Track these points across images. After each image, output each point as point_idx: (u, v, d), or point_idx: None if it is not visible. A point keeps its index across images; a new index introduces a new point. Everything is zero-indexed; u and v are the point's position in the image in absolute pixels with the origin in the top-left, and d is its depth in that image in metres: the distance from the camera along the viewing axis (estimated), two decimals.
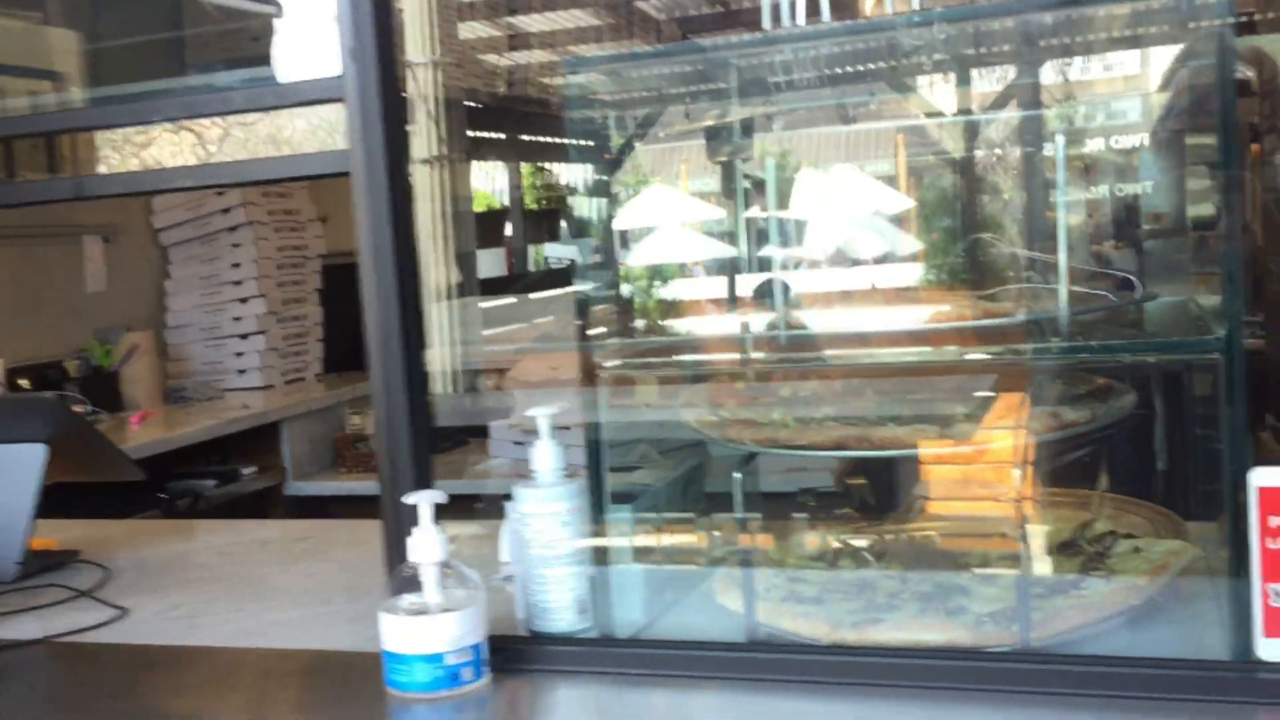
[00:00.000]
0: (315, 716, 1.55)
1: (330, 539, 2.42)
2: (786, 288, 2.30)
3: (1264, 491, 1.28)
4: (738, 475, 1.51)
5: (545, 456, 1.63)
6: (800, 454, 1.48)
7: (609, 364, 1.71)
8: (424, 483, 1.54)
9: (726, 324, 2.54)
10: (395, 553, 1.52)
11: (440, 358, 4.78)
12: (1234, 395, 1.30)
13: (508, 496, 1.62)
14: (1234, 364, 1.30)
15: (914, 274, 1.84)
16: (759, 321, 1.95)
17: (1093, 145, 2.12)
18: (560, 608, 1.61)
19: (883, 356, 1.46)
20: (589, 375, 1.76)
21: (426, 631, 1.46)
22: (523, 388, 4.73)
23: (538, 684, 1.51)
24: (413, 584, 1.49)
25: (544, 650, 1.54)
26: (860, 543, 1.89)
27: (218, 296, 5.25)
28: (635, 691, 1.46)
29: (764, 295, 2.09)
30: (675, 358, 1.84)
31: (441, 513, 1.51)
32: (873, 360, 1.46)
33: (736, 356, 1.82)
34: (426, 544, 1.48)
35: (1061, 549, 1.77)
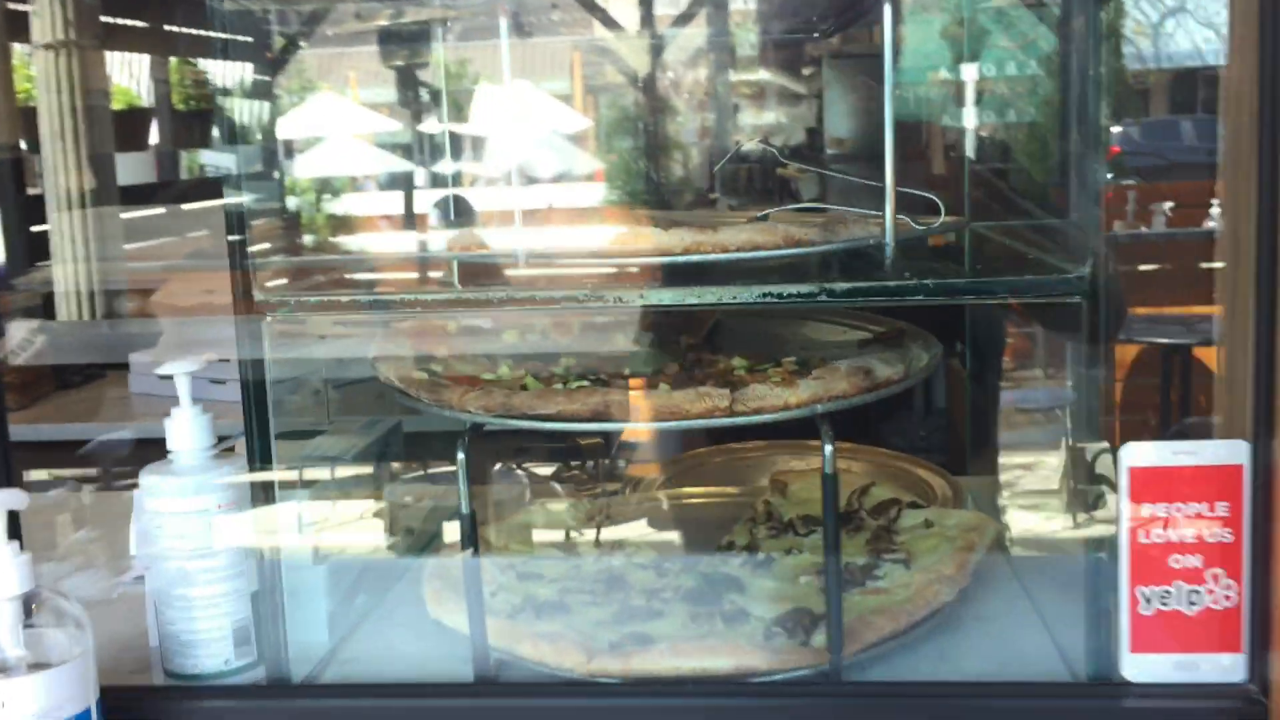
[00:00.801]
0: None
1: None
2: (466, 204, 2.14)
3: (1136, 473, 1.02)
4: (462, 455, 1.11)
5: (185, 431, 1.17)
6: (551, 427, 1.10)
7: (273, 288, 1.24)
8: None
9: (404, 242, 2.21)
10: None
11: (71, 275, 4.07)
12: (1098, 337, 1.02)
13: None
14: (1098, 307, 1.03)
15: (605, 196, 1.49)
16: (438, 240, 1.78)
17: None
18: (209, 639, 1.16)
19: (624, 291, 1.09)
20: (249, 302, 1.29)
21: (5, 699, 0.98)
22: (171, 314, 4.08)
23: None
24: None
25: (184, 709, 1.09)
26: (593, 521, 1.54)
27: None
28: None
29: (443, 212, 1.97)
30: (348, 278, 1.41)
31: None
32: (606, 294, 1.08)
33: (419, 283, 1.41)
34: None
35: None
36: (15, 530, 1.06)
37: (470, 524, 1.13)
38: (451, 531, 1.60)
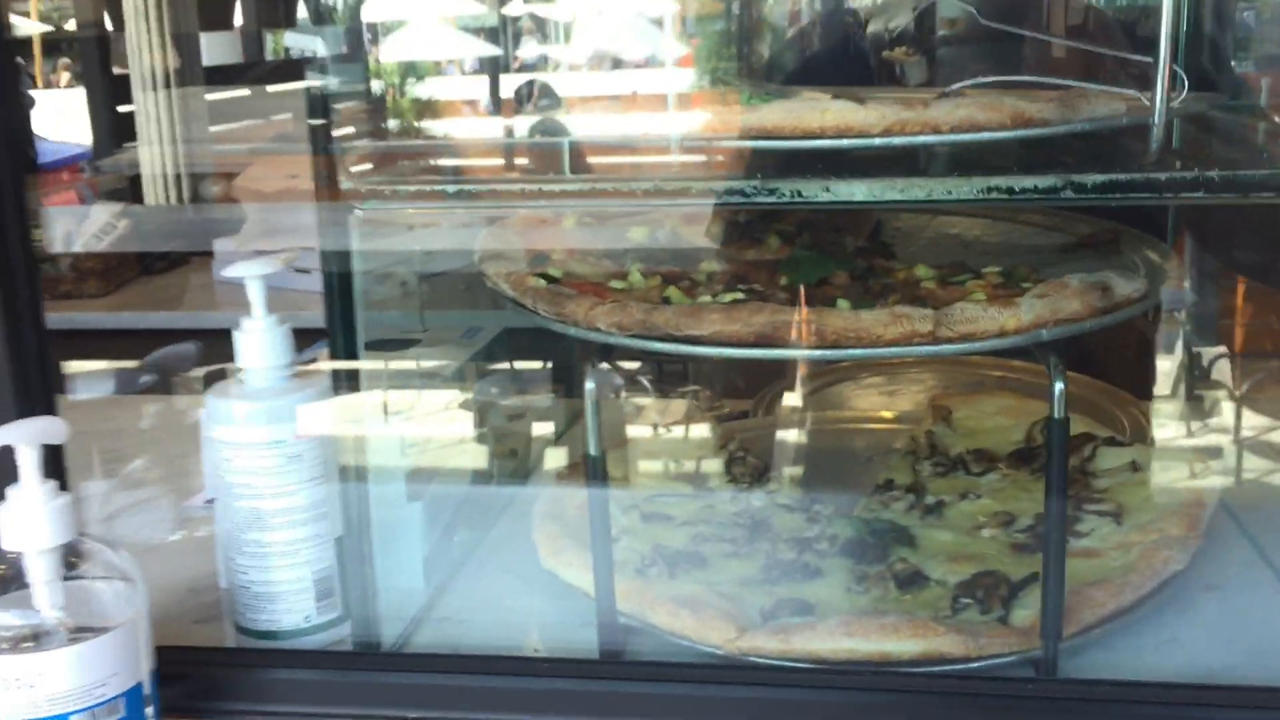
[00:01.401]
0: None
1: None
2: (550, 89, 2.03)
3: None
4: (591, 385, 0.90)
5: (257, 347, 0.97)
6: (705, 352, 0.88)
7: (359, 173, 1.03)
8: (30, 405, 0.86)
9: (492, 128, 2.07)
10: None
11: (156, 158, 3.93)
12: None
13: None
14: None
15: None
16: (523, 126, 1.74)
17: None
18: (288, 592, 0.98)
19: (802, 184, 0.85)
20: (333, 191, 1.08)
21: (35, 677, 0.80)
22: (255, 200, 3.92)
23: None
24: (14, 584, 0.83)
25: (256, 678, 0.91)
26: (726, 449, 1.32)
27: None
28: None
29: (526, 99, 1.98)
30: (436, 164, 1.19)
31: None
32: (779, 184, 0.85)
33: (506, 170, 1.20)
34: (29, 517, 0.81)
35: (1013, 460, 1.26)
36: (57, 466, 0.87)
37: (600, 468, 0.92)
38: (557, 457, 1.41)
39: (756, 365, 1.76)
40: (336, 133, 1.08)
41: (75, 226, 3.05)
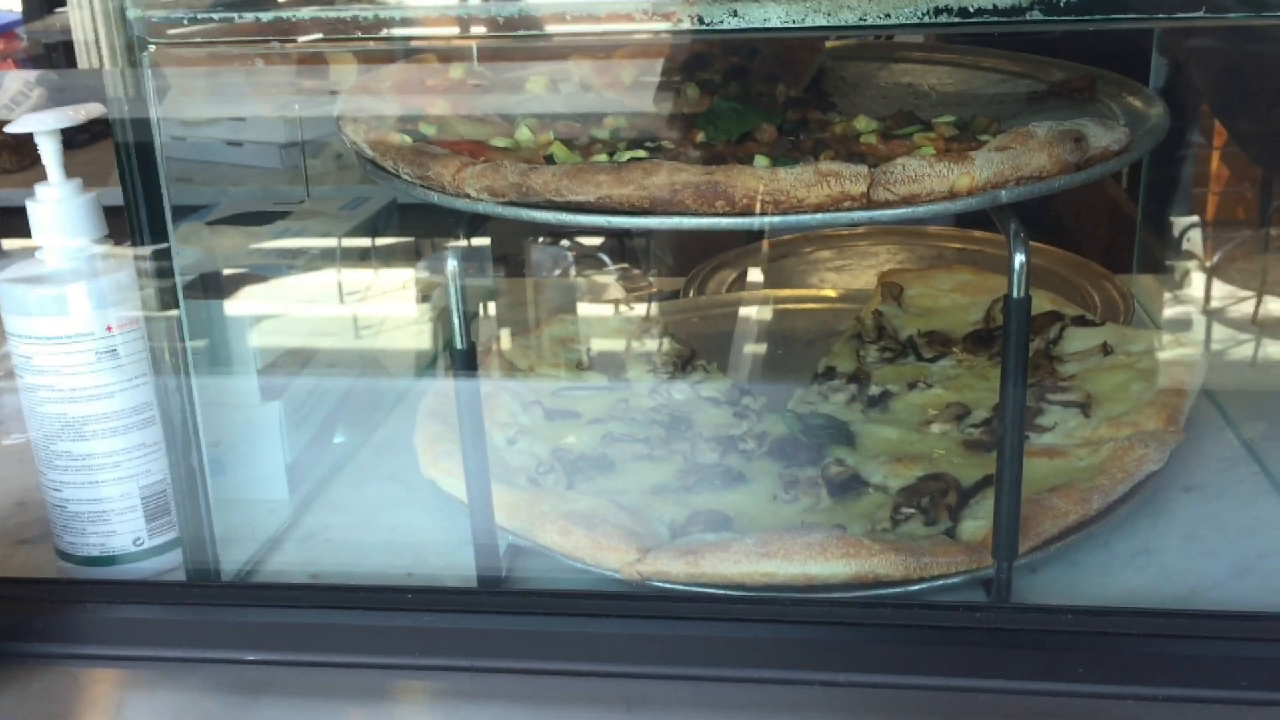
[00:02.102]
0: None
1: None
2: None
3: None
4: (453, 265, 0.74)
5: (57, 220, 0.80)
6: (585, 221, 0.72)
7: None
8: None
9: None
10: None
11: (85, 20, 3.68)
12: None
13: None
14: None
15: None
16: None
17: None
18: (112, 511, 0.83)
19: (704, 7, 0.67)
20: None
21: None
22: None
23: (59, 691, 0.75)
24: None
25: (76, 616, 0.76)
26: (649, 332, 1.17)
27: None
28: (259, 706, 0.73)
29: None
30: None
31: None
32: (676, 8, 0.67)
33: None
34: None
35: (970, 343, 1.11)
36: None
37: (468, 359, 0.76)
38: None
39: (688, 239, 1.60)
40: None
41: None
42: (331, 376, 1.08)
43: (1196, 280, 1.47)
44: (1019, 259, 0.69)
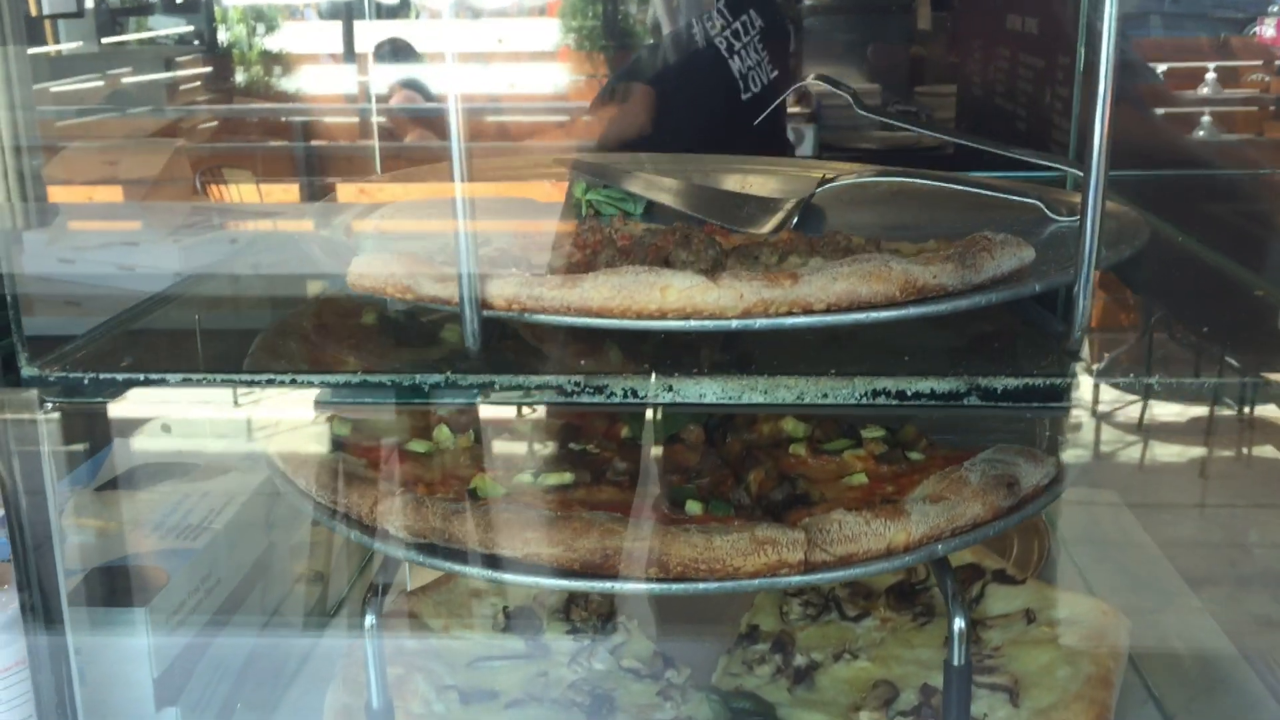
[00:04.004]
0: None
1: None
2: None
3: None
4: (371, 620, 0.70)
5: None
6: (520, 580, 0.68)
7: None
8: None
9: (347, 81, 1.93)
10: None
11: None
12: None
13: None
14: None
15: None
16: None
17: None
18: None
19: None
20: None
21: None
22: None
23: None
24: None
25: None
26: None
27: None
28: None
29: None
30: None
31: None
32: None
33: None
34: None
35: (892, 599, 1.09)
36: None
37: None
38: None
39: None
40: None
41: None
42: (232, 634, 1.02)
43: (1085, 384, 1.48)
44: (958, 624, 0.67)
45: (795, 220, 0.89)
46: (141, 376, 0.66)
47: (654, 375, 0.63)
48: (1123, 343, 0.82)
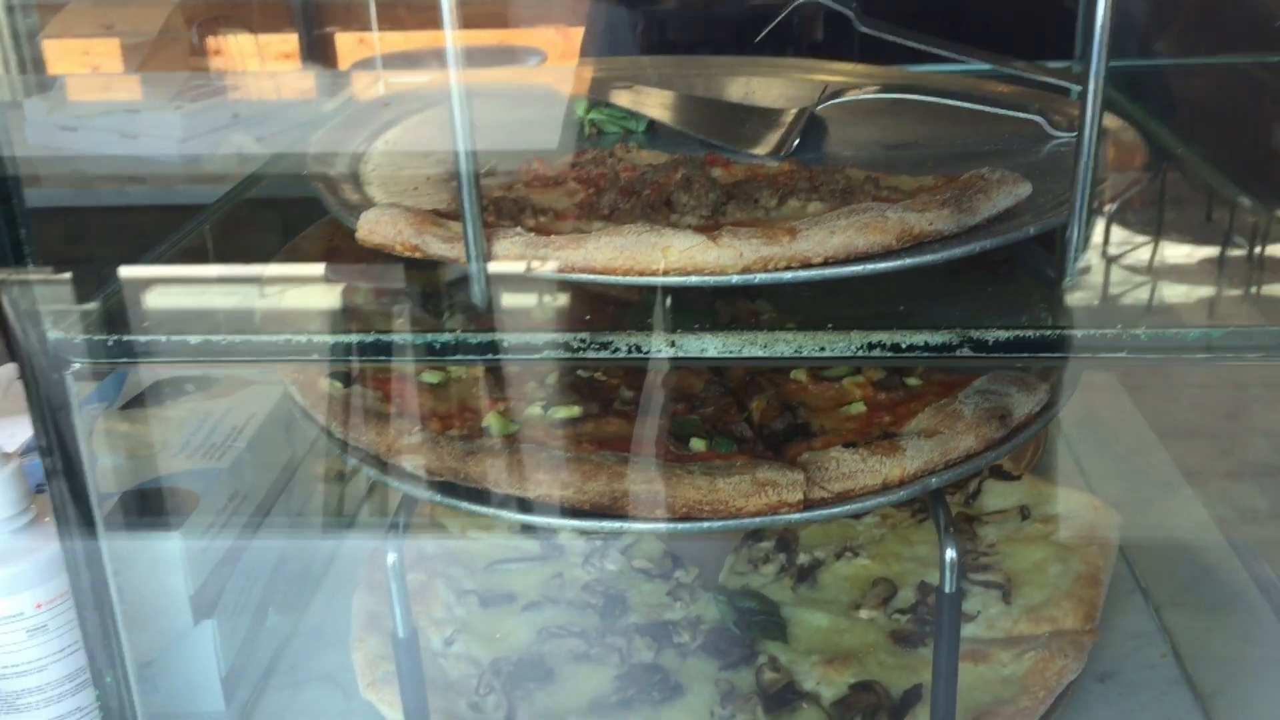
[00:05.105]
0: None
1: None
2: None
3: None
4: (393, 559, 0.73)
5: None
6: (530, 520, 0.72)
7: None
8: None
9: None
10: None
11: None
12: None
13: None
14: None
15: None
16: None
17: None
18: None
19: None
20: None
21: None
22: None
23: None
24: None
25: None
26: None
27: None
28: None
29: None
30: None
31: None
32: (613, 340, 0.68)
33: None
34: None
35: None
36: None
37: (410, 646, 0.77)
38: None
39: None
40: None
41: None
42: (260, 542, 1.07)
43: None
44: (949, 554, 0.71)
45: (797, 141, 0.90)
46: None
47: (657, 331, 0.65)
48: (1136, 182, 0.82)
